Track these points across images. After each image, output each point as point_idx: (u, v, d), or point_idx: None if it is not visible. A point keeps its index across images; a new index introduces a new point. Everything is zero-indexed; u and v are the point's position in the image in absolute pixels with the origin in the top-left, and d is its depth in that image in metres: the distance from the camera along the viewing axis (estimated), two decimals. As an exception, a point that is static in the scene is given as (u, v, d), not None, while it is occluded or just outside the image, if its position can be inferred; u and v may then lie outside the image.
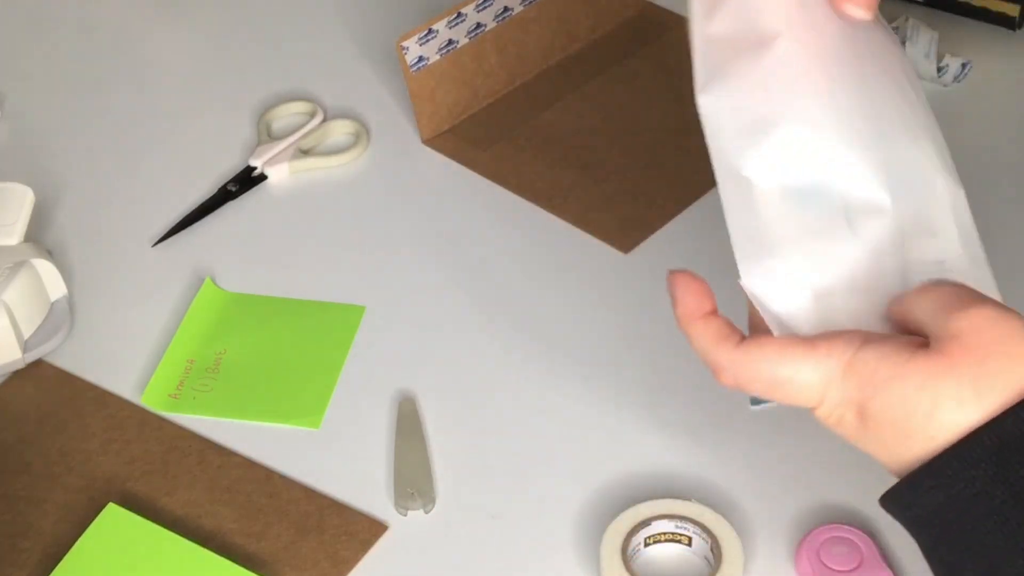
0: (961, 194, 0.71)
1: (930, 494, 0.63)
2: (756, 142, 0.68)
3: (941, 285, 0.67)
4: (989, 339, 0.63)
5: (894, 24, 1.11)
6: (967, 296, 0.65)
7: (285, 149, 1.07)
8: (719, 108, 0.69)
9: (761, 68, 0.69)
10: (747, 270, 0.68)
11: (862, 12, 0.70)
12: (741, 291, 0.96)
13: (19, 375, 0.92)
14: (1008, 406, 0.62)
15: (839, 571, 0.78)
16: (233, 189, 1.05)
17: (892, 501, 0.66)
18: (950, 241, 0.70)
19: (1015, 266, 0.94)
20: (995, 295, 0.69)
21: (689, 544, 0.80)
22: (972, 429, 0.62)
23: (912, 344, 0.64)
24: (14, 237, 0.94)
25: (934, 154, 0.71)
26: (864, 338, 0.65)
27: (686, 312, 0.69)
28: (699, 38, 0.70)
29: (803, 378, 0.65)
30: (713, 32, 0.70)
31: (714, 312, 0.69)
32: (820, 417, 0.66)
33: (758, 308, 0.68)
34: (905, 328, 0.67)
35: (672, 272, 0.70)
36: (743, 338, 0.68)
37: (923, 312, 0.66)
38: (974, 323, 0.63)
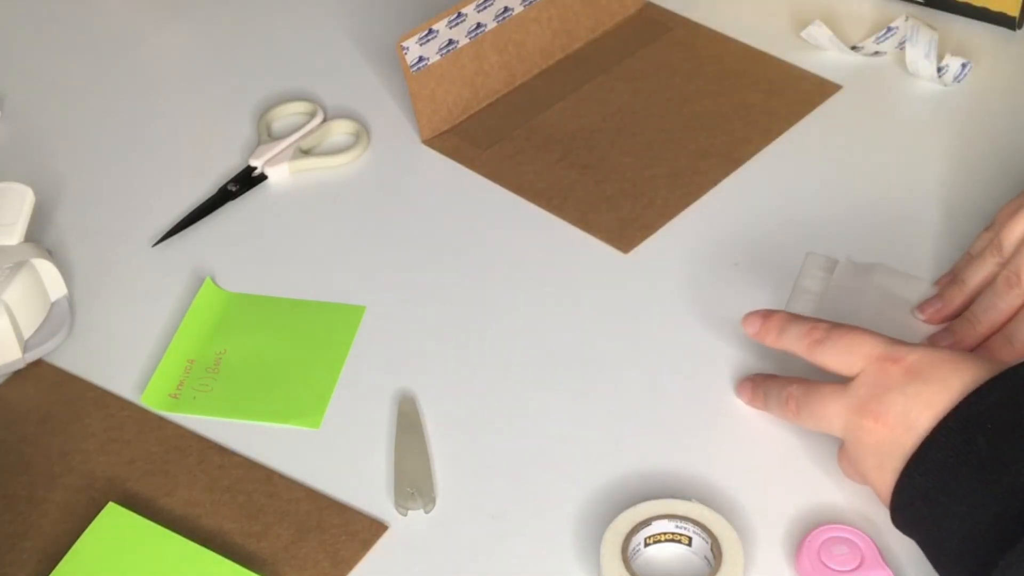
0: None
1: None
2: None
3: None
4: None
5: (894, 24, 1.11)
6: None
7: (285, 149, 1.07)
8: None
9: None
10: None
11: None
12: (738, 290, 0.97)
13: (19, 375, 0.92)
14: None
15: (839, 571, 0.78)
16: (233, 189, 1.05)
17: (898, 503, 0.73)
18: None
19: (1015, 266, 0.94)
20: None
21: (689, 544, 0.80)
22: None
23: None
24: (14, 237, 0.94)
25: None
26: None
27: None
28: None
29: None
30: None
31: None
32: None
33: None
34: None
35: None
36: None
37: None
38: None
